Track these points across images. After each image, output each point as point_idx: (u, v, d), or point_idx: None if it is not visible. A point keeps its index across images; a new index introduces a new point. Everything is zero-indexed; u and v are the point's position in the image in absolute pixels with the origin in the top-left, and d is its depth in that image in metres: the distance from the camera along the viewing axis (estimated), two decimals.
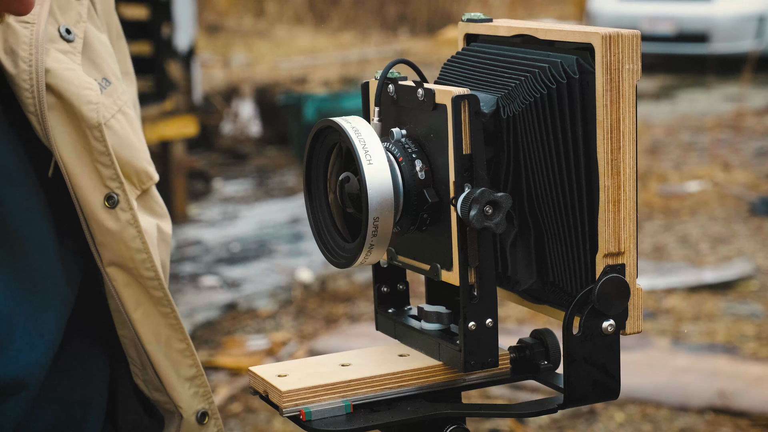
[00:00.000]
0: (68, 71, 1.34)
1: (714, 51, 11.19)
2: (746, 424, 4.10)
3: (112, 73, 1.43)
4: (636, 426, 4.16)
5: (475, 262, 1.10)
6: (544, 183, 1.13)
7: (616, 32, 1.09)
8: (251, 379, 1.19)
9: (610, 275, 1.10)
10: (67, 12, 1.39)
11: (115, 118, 1.39)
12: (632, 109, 1.10)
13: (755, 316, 5.17)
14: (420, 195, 1.12)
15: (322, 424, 1.12)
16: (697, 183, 7.46)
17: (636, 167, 1.11)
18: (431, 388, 1.17)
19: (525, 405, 1.18)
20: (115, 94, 1.41)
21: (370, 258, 1.13)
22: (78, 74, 1.35)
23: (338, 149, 1.16)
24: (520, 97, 1.13)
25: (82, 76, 1.35)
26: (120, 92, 1.43)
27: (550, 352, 1.19)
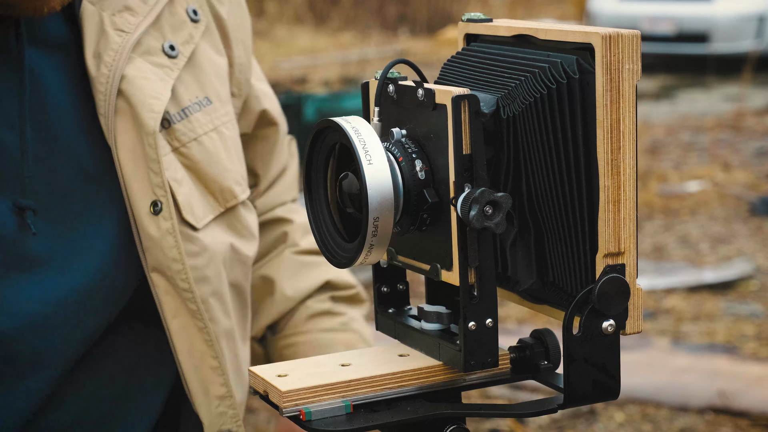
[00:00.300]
0: (143, 80, 1.40)
1: (714, 51, 11.19)
2: (746, 424, 4.10)
3: (215, 94, 1.49)
4: (636, 426, 4.16)
5: (475, 262, 1.10)
6: (544, 183, 1.13)
7: (616, 32, 1.09)
8: (251, 378, 1.19)
9: (610, 275, 1.10)
10: (179, 31, 1.46)
11: (207, 135, 1.46)
12: (632, 109, 1.10)
13: (755, 316, 5.17)
14: (420, 195, 1.12)
15: (322, 424, 1.12)
16: (697, 183, 7.46)
17: (636, 167, 1.11)
18: (431, 388, 1.17)
19: (525, 405, 1.18)
20: (215, 114, 1.48)
21: (370, 258, 1.13)
22: (152, 84, 1.40)
23: (338, 149, 1.16)
24: (520, 97, 1.13)
25: (155, 86, 1.41)
26: (222, 113, 1.49)
27: (550, 352, 1.19)
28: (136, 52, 1.43)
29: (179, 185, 1.43)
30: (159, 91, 1.41)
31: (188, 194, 1.43)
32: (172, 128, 1.43)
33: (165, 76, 1.43)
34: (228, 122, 1.50)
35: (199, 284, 1.44)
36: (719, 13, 11.41)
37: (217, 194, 1.46)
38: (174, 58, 1.44)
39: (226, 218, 1.48)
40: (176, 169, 1.43)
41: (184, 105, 1.45)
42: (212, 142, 1.46)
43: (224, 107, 1.50)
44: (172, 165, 1.43)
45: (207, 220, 1.45)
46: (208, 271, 1.44)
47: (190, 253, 1.43)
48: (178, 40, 1.46)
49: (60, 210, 1.40)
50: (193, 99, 1.46)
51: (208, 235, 1.45)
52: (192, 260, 1.43)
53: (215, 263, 1.45)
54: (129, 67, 1.40)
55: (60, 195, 1.40)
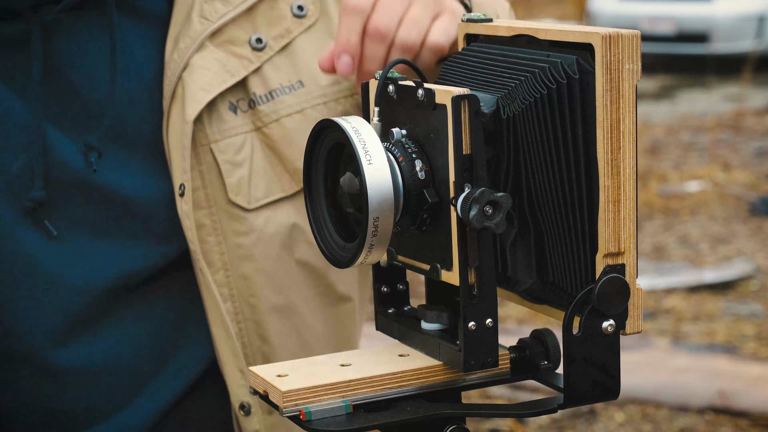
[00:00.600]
0: (203, 70, 1.47)
1: (714, 51, 11.19)
2: (746, 424, 4.11)
3: (311, 78, 1.52)
4: (636, 426, 4.16)
5: (475, 262, 1.10)
6: (544, 183, 1.13)
7: (616, 32, 1.09)
8: (251, 378, 1.19)
9: (610, 275, 1.10)
10: (275, 26, 1.51)
11: (290, 117, 1.51)
12: (632, 109, 1.10)
13: (755, 316, 5.17)
14: (420, 195, 1.12)
15: (322, 424, 1.12)
16: (697, 183, 7.46)
17: (636, 167, 1.11)
18: (431, 388, 1.17)
19: (525, 405, 1.18)
20: (305, 96, 1.51)
21: (370, 258, 1.13)
22: (209, 75, 1.47)
23: (338, 149, 1.16)
24: (520, 97, 1.13)
25: (211, 78, 1.47)
26: (316, 95, 1.52)
27: (550, 352, 1.19)
28: (215, 41, 1.48)
29: (235, 167, 1.49)
30: (212, 84, 1.47)
31: (245, 176, 1.49)
32: (256, 109, 1.50)
33: (240, 68, 1.49)
34: (320, 104, 1.53)
35: (243, 261, 1.50)
36: (719, 13, 11.40)
37: (291, 174, 1.51)
38: (259, 51, 1.50)
39: (294, 200, 1.52)
40: (239, 150, 1.49)
41: (272, 88, 1.51)
42: (294, 123, 1.50)
43: (321, 90, 1.53)
44: (232, 147, 1.49)
45: (267, 200, 1.50)
46: (255, 250, 1.50)
47: (236, 232, 1.49)
48: (271, 34, 1.50)
49: (124, 158, 1.48)
50: (284, 82, 1.51)
51: (262, 216, 1.50)
52: (237, 239, 1.49)
53: (265, 243, 1.50)
54: (196, 56, 1.47)
55: (126, 146, 1.48)
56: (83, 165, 1.46)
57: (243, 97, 1.50)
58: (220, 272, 1.49)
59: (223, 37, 1.49)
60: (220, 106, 1.49)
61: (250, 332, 1.51)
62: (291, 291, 1.53)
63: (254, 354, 1.52)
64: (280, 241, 1.51)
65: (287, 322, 1.53)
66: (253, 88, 1.49)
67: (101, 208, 1.48)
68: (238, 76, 1.48)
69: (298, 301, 1.54)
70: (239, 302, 1.50)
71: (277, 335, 1.53)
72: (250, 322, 1.51)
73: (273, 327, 1.52)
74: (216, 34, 1.48)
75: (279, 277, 1.52)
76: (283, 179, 1.51)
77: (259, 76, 1.50)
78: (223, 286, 1.50)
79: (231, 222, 1.49)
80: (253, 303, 1.51)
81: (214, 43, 1.48)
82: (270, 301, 1.52)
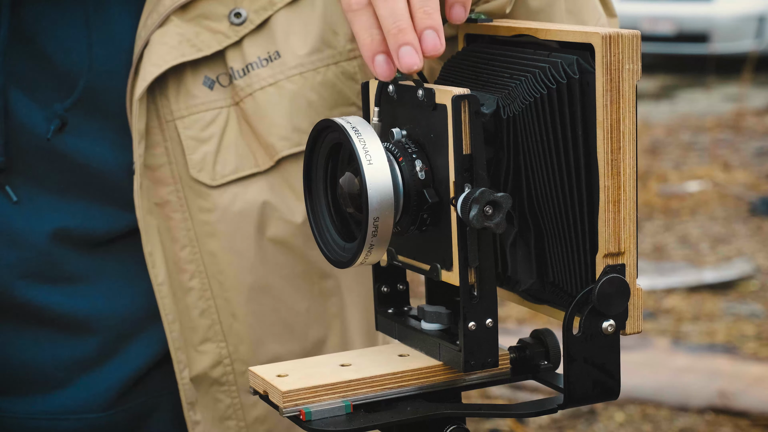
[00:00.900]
0: (159, 45, 1.45)
1: (714, 51, 11.19)
2: (746, 424, 4.11)
3: (289, 48, 1.49)
4: (636, 426, 4.16)
5: (475, 262, 1.10)
6: (544, 183, 1.13)
7: (616, 32, 1.09)
8: (251, 378, 1.19)
9: (610, 275, 1.10)
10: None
11: (263, 90, 1.48)
12: (632, 109, 1.10)
13: (755, 316, 5.17)
14: (420, 195, 1.12)
15: (322, 424, 1.12)
16: (697, 183, 7.46)
17: (636, 167, 1.11)
18: (431, 388, 1.17)
19: (525, 405, 1.18)
20: (278, 68, 1.49)
21: (370, 258, 1.13)
22: (163, 51, 1.45)
23: (338, 149, 1.16)
24: (520, 97, 1.13)
25: (166, 53, 1.45)
26: (289, 67, 1.49)
27: (550, 352, 1.19)
28: (186, 15, 1.47)
29: (200, 143, 1.48)
30: (165, 59, 1.45)
31: (211, 152, 1.48)
32: (233, 84, 1.49)
33: (213, 42, 1.47)
34: (296, 75, 1.51)
35: (210, 238, 1.49)
36: (719, 13, 11.40)
37: (262, 150, 1.50)
38: (237, 25, 1.48)
39: (269, 176, 1.50)
40: (207, 126, 1.48)
41: (249, 61, 1.49)
42: (267, 96, 1.49)
43: (298, 59, 1.50)
44: (199, 123, 1.48)
45: (236, 176, 1.49)
46: (220, 227, 1.49)
47: (201, 209, 1.49)
48: (253, 7, 1.48)
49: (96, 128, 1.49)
50: (262, 55, 1.49)
51: (229, 192, 1.49)
52: (202, 215, 1.49)
53: (231, 220, 1.49)
54: (157, 32, 1.46)
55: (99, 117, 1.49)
56: (44, 131, 1.47)
57: (224, 71, 1.49)
58: (186, 249, 1.49)
59: (196, 11, 1.47)
60: (190, 81, 1.48)
61: (220, 309, 1.50)
62: (265, 269, 1.52)
63: (226, 332, 1.51)
64: (249, 219, 1.50)
65: (263, 301, 1.52)
66: (231, 62, 1.48)
67: (65, 174, 1.49)
68: (206, 50, 1.47)
69: (275, 279, 1.53)
70: (207, 279, 1.50)
71: (250, 314, 1.52)
72: (220, 299, 1.50)
73: (246, 306, 1.51)
74: (188, 9, 1.47)
75: (250, 255, 1.50)
76: (257, 154, 1.49)
77: (239, 50, 1.49)
78: (190, 263, 1.50)
79: (196, 198, 1.49)
80: (221, 280, 1.50)
81: (185, 18, 1.47)
82: (240, 279, 1.51)
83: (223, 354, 1.51)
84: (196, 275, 1.50)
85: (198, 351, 1.51)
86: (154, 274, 1.49)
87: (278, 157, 1.48)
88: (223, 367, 1.51)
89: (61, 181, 1.49)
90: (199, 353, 1.51)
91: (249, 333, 1.51)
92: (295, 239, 1.52)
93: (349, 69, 1.50)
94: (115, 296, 1.52)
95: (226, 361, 1.51)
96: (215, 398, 1.52)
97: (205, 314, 1.50)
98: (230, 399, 1.52)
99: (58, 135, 1.48)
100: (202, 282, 1.50)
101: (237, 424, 1.53)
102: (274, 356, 1.53)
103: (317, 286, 1.55)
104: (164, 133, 1.48)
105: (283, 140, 1.48)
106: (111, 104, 1.49)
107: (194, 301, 1.50)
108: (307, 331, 1.54)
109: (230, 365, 1.51)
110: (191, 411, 1.52)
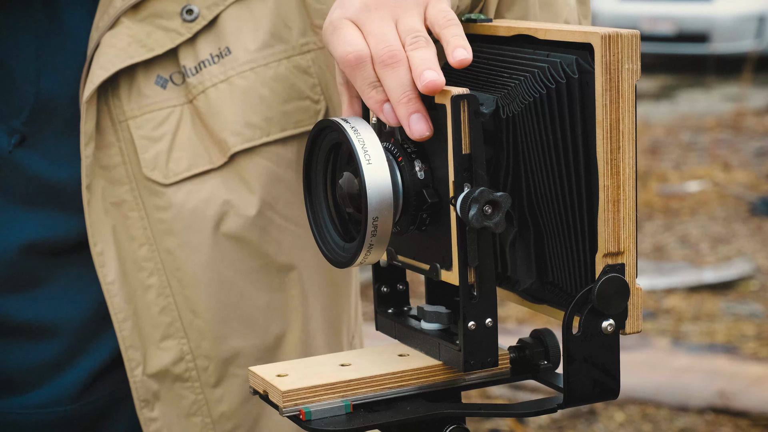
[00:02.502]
0: (108, 48, 1.46)
1: (714, 51, 11.19)
2: (746, 424, 4.11)
3: (240, 44, 1.49)
4: (636, 426, 4.16)
5: (474, 261, 1.10)
6: (543, 183, 1.13)
7: (615, 32, 1.09)
8: (251, 378, 1.19)
9: (610, 275, 1.10)
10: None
11: (215, 87, 1.48)
12: (632, 109, 1.10)
13: (755, 316, 5.17)
14: (419, 195, 1.12)
15: (321, 423, 1.12)
16: (697, 183, 7.47)
17: (636, 167, 1.11)
18: (431, 387, 1.17)
19: (525, 405, 1.18)
20: (229, 64, 1.49)
21: (369, 258, 1.13)
22: (112, 53, 1.46)
23: (338, 149, 1.16)
24: (519, 96, 1.13)
25: (114, 56, 1.46)
26: (243, 61, 1.49)
27: (549, 352, 1.19)
28: (137, 16, 1.47)
29: (152, 142, 1.48)
30: (112, 62, 1.45)
31: (164, 150, 1.49)
32: (186, 82, 1.49)
33: (166, 41, 1.47)
34: (247, 71, 1.51)
35: (166, 236, 1.50)
36: (719, 13, 11.41)
37: (215, 147, 1.50)
38: (189, 22, 1.48)
39: (222, 172, 1.50)
40: (159, 125, 1.49)
41: (201, 59, 1.49)
42: (218, 93, 1.49)
43: (249, 55, 1.50)
44: (151, 122, 1.48)
45: (190, 173, 1.50)
46: (176, 224, 1.49)
47: (156, 207, 1.49)
48: (205, 3, 1.48)
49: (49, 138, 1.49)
50: (214, 51, 1.49)
51: (183, 190, 1.49)
52: (158, 213, 1.49)
53: (186, 217, 1.50)
54: (107, 34, 1.46)
55: (53, 125, 1.49)
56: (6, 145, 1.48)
57: (177, 70, 1.49)
58: (144, 247, 1.50)
59: (147, 11, 1.47)
60: (142, 81, 1.48)
61: (180, 306, 1.51)
62: (223, 265, 1.52)
63: (187, 328, 1.52)
64: (205, 215, 1.50)
65: (222, 296, 1.53)
66: (183, 60, 1.48)
67: (28, 186, 1.49)
68: (159, 50, 1.47)
69: (233, 274, 1.53)
70: (166, 276, 1.51)
71: (209, 309, 1.52)
72: (179, 296, 1.51)
73: (206, 301, 1.52)
74: (139, 9, 1.47)
75: (206, 251, 1.51)
76: (211, 151, 1.49)
77: (192, 48, 1.49)
78: (149, 261, 1.50)
79: (151, 197, 1.49)
80: (180, 277, 1.51)
81: (136, 19, 1.47)
82: (199, 275, 1.51)
83: (185, 350, 1.52)
84: (154, 273, 1.51)
85: (160, 348, 1.52)
86: (103, 273, 1.50)
87: (231, 152, 1.48)
88: (185, 363, 1.52)
89: (25, 193, 1.50)
90: (161, 350, 1.52)
91: (210, 329, 1.52)
92: (251, 233, 1.52)
93: (302, 63, 1.50)
94: (76, 298, 1.52)
95: (188, 357, 1.52)
96: (179, 394, 1.53)
97: (165, 311, 1.51)
98: (194, 395, 1.53)
99: (19, 148, 1.48)
100: (161, 279, 1.51)
101: (202, 420, 1.53)
102: (236, 351, 1.54)
103: (276, 280, 1.55)
104: (118, 133, 1.49)
105: (235, 136, 1.48)
106: (66, 110, 1.49)
107: (154, 299, 1.51)
108: (268, 325, 1.55)
109: (192, 361, 1.52)
110: (146, 408, 1.52)
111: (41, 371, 1.53)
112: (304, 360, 1.21)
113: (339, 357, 1.20)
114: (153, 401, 1.52)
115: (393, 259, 1.22)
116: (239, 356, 1.54)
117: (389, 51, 1.16)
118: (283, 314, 1.56)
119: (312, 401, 1.13)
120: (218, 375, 1.53)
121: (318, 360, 1.21)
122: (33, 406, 1.53)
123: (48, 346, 1.53)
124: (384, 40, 1.17)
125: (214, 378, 1.53)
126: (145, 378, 1.52)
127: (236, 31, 1.49)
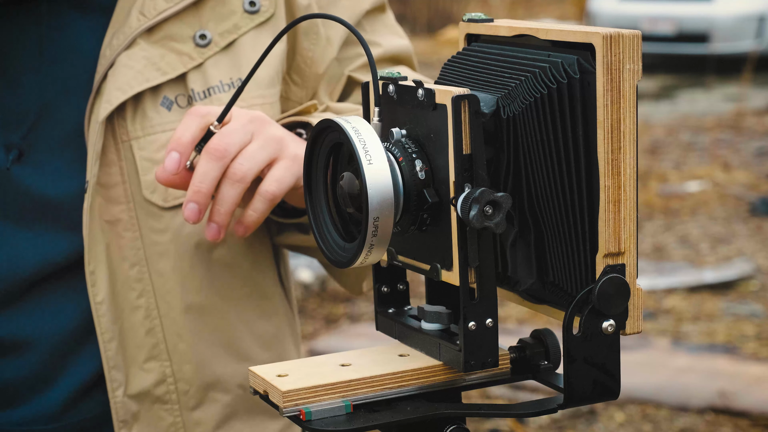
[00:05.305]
0: (125, 68, 1.46)
1: (714, 51, 11.19)
2: (746, 424, 4.11)
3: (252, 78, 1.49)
4: (636, 426, 4.16)
5: (475, 261, 1.10)
6: (544, 183, 1.13)
7: (616, 32, 1.09)
8: (251, 378, 1.19)
9: (610, 275, 1.10)
10: (223, 21, 1.50)
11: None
12: (633, 109, 1.10)
13: (755, 316, 5.17)
14: (420, 195, 1.12)
15: (322, 423, 1.12)
16: (697, 183, 7.47)
17: (636, 167, 1.11)
18: (431, 388, 1.17)
19: (525, 405, 1.18)
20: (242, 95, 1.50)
21: (370, 258, 1.13)
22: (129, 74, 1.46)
23: (338, 149, 1.16)
24: (520, 97, 1.13)
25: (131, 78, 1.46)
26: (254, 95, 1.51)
27: (550, 352, 1.19)
28: (152, 38, 1.47)
29: (154, 165, 1.48)
30: (130, 84, 1.46)
31: None
32: (191, 105, 1.49)
33: (178, 65, 1.48)
34: (257, 105, 1.52)
35: (161, 258, 1.50)
36: (719, 13, 11.41)
37: None
38: (202, 47, 1.48)
39: None
40: (161, 147, 1.48)
41: (210, 84, 1.50)
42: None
43: (259, 90, 1.52)
44: (154, 144, 1.48)
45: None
46: (171, 247, 1.50)
47: (152, 229, 1.49)
48: (218, 30, 1.49)
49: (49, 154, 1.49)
50: (224, 80, 1.50)
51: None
52: (154, 236, 1.50)
53: (181, 241, 1.50)
54: (124, 54, 1.46)
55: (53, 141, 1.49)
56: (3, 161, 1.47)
57: (183, 92, 1.49)
58: (135, 268, 1.50)
59: (161, 33, 1.48)
60: (148, 102, 1.48)
61: (166, 329, 1.51)
62: (210, 290, 1.53)
63: (171, 351, 1.52)
64: (200, 240, 1.51)
65: (205, 320, 1.53)
66: (192, 84, 1.49)
67: (22, 202, 1.49)
68: (172, 73, 1.47)
69: (218, 300, 1.54)
70: (155, 298, 1.50)
71: (193, 333, 1.53)
72: (166, 318, 1.51)
73: (189, 325, 1.52)
74: (154, 31, 1.47)
75: (196, 275, 1.51)
76: None
77: (200, 72, 1.49)
78: (139, 282, 1.50)
79: (148, 219, 1.49)
80: (169, 300, 1.51)
81: (150, 40, 1.47)
82: (185, 299, 1.52)
83: (167, 373, 1.52)
84: (143, 294, 1.50)
85: (143, 369, 1.52)
86: (93, 293, 1.49)
87: None
88: (166, 386, 1.52)
89: (18, 210, 1.49)
90: (144, 371, 1.52)
91: (193, 353, 1.53)
92: (241, 260, 1.53)
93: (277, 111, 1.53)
94: (57, 315, 1.52)
95: (170, 380, 1.52)
96: (158, 416, 1.53)
97: (151, 333, 1.51)
98: (172, 417, 1.53)
99: (17, 164, 1.47)
100: (149, 301, 1.51)
101: None
102: (216, 378, 1.55)
103: (259, 308, 1.57)
104: (119, 153, 1.48)
105: None
106: (67, 124, 1.49)
107: (141, 320, 1.51)
108: (249, 349, 1.56)
109: (173, 384, 1.52)
110: (124, 429, 1.52)
111: (18, 388, 1.52)
112: (305, 360, 1.21)
113: (339, 357, 1.20)
114: (132, 422, 1.52)
115: (393, 259, 1.22)
116: (220, 382, 1.55)
117: (219, 147, 1.36)
118: (261, 342, 1.57)
119: (312, 401, 1.13)
120: (198, 399, 1.54)
121: (318, 360, 1.21)
122: (13, 423, 1.52)
123: (24, 362, 1.51)
124: (225, 138, 1.37)
125: (193, 401, 1.54)
126: (125, 399, 1.52)
127: (250, 62, 1.50)
